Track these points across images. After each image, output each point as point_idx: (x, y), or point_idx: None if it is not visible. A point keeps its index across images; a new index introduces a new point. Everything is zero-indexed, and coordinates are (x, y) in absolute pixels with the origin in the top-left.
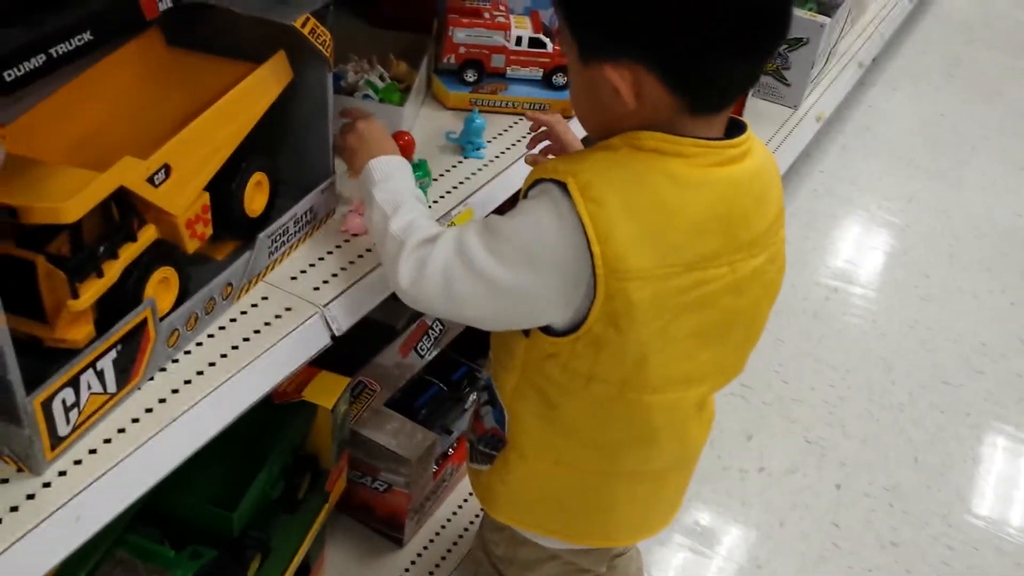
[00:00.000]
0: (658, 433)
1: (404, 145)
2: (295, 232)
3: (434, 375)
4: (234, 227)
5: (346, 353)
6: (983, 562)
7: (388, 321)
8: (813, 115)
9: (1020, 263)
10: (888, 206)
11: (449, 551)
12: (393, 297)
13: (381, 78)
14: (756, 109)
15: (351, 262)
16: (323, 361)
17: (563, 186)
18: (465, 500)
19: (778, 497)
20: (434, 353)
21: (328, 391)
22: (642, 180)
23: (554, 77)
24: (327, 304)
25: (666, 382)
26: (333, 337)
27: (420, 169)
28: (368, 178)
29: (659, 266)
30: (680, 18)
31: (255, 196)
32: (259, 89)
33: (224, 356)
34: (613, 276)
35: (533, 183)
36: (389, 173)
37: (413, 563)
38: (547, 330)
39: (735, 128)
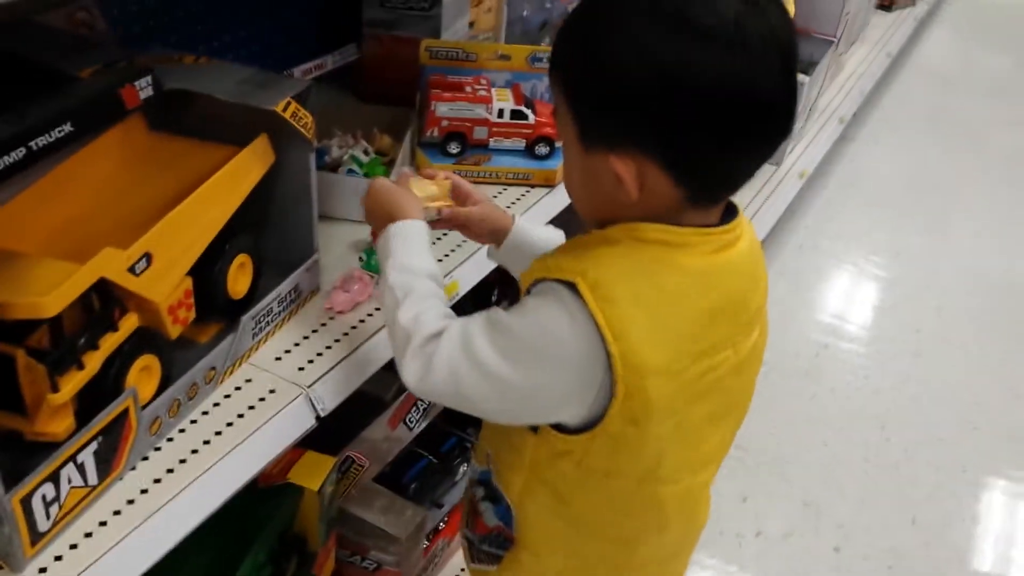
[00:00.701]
0: (671, 520)
1: None
2: (279, 312)
3: (423, 447)
4: (217, 310)
5: (333, 427)
6: None
7: (376, 393)
8: (796, 172)
9: (1008, 315)
10: (875, 260)
11: None
12: (381, 370)
13: (365, 152)
14: None
15: (336, 340)
16: (309, 435)
17: (571, 286)
18: None
19: (776, 562)
20: (423, 425)
21: (314, 472)
22: (650, 274)
23: (536, 147)
24: (311, 385)
25: (681, 470)
26: (318, 418)
27: None
28: (383, 249)
29: (674, 359)
30: (689, 115)
31: (238, 278)
32: (242, 172)
33: (207, 442)
34: (632, 374)
35: (535, 281)
36: (404, 244)
37: None
38: (559, 427)
39: (728, 210)
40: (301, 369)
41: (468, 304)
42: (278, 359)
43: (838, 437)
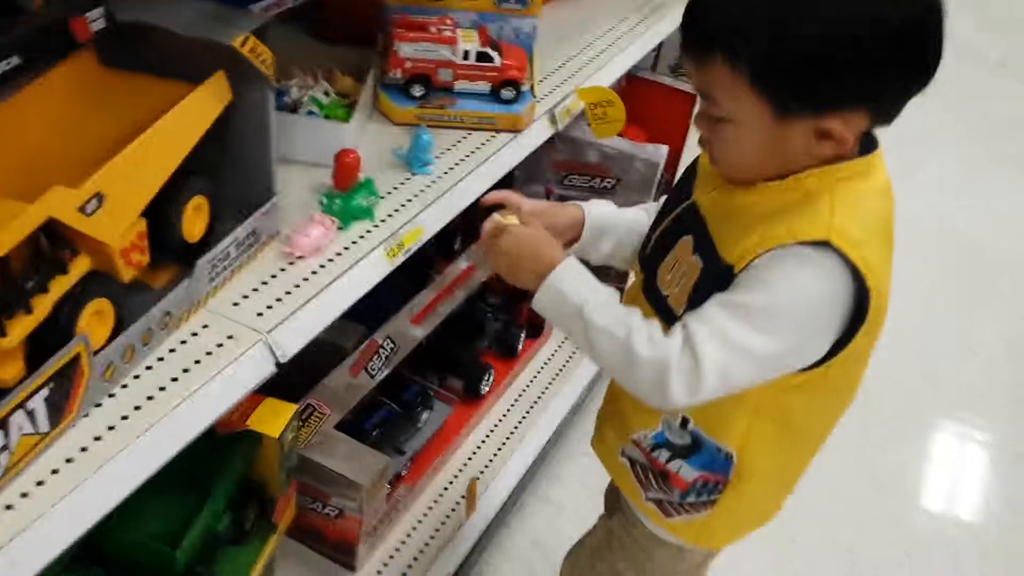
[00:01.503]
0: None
1: (350, 163)
2: (237, 256)
3: (385, 395)
4: (172, 253)
5: (294, 375)
6: None
7: (337, 341)
8: None
9: (967, 267)
10: None
11: (404, 574)
12: (343, 317)
13: (326, 93)
14: None
15: (296, 286)
16: (270, 384)
17: (818, 244)
18: (419, 522)
19: None
20: (385, 373)
21: (274, 419)
22: (865, 207)
23: (502, 91)
24: (271, 331)
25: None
26: (278, 364)
27: (366, 188)
28: (557, 301)
29: (889, 269)
30: (897, 59)
31: (194, 221)
32: (197, 111)
33: (163, 389)
34: (878, 297)
35: (763, 251)
36: (582, 285)
37: None
38: None
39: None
40: (260, 315)
41: (431, 250)
42: (236, 304)
43: None
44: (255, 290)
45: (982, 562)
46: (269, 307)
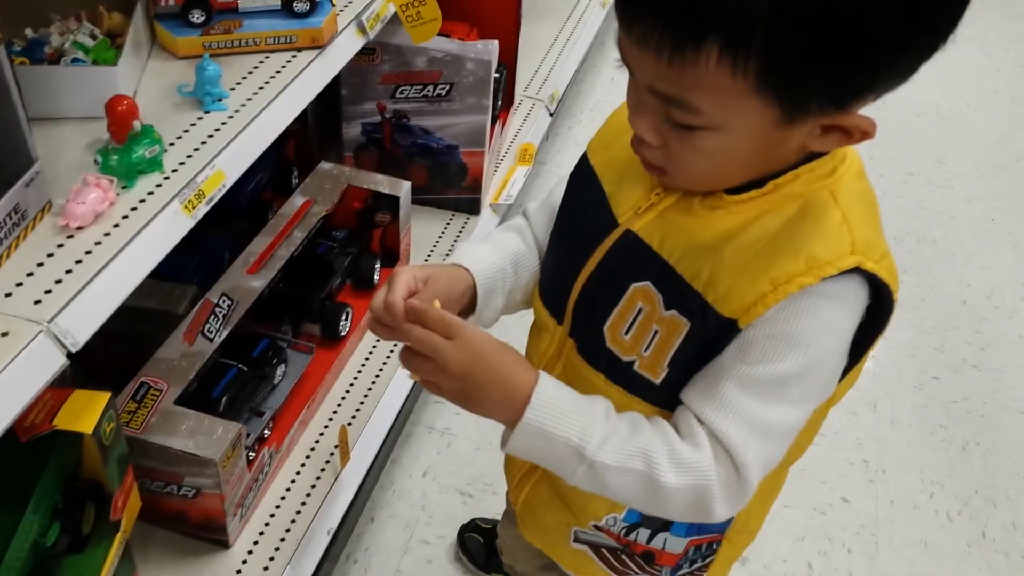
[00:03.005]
0: None
1: (123, 112)
2: (1, 240)
3: (230, 356)
4: None
5: (124, 352)
6: None
7: (167, 308)
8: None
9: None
10: None
11: (283, 540)
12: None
13: (92, 36)
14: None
15: (78, 261)
16: (98, 370)
17: (847, 272)
18: (292, 481)
19: None
20: (225, 333)
21: (85, 413)
22: (863, 197)
23: (294, 4)
24: (53, 318)
25: None
26: (69, 355)
27: (147, 136)
28: (549, 443)
29: None
30: (920, 39)
31: None
32: None
33: None
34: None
35: (773, 303)
36: (571, 412)
37: (244, 562)
38: None
39: None
40: (38, 302)
41: (267, 188)
42: (8, 295)
43: None
44: (30, 275)
45: None
46: (48, 292)
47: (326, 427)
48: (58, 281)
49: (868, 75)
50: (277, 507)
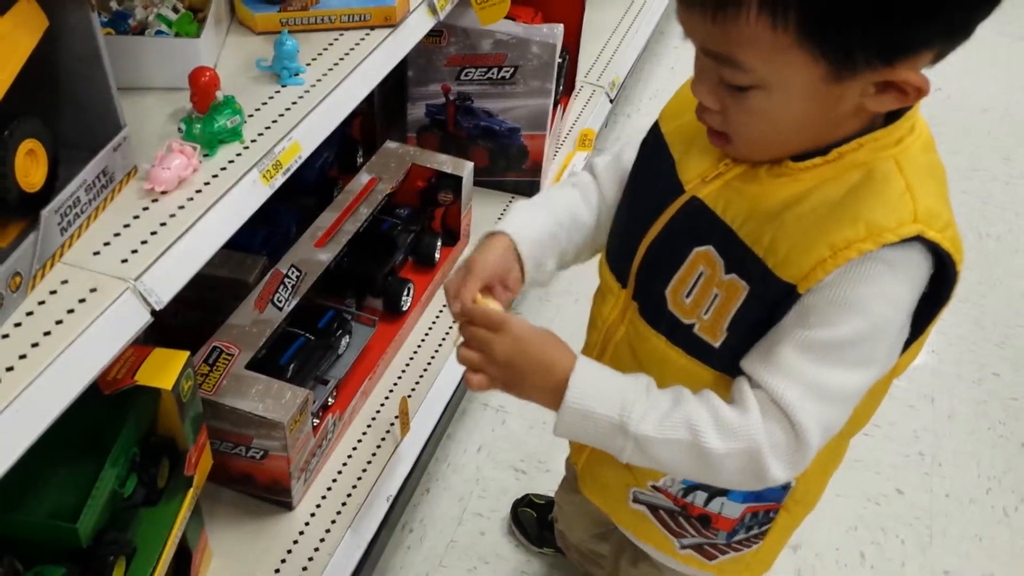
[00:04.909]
0: None
1: (206, 83)
2: (89, 201)
3: (298, 325)
4: (11, 207)
5: (196, 319)
6: None
7: (239, 276)
8: None
9: None
10: None
11: (344, 504)
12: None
13: (175, 9)
14: None
15: (162, 224)
16: (170, 336)
17: (907, 241)
18: (354, 449)
19: None
20: (293, 303)
21: (165, 370)
22: (929, 170)
23: None
24: (139, 277)
25: None
26: (153, 312)
27: (228, 107)
28: (593, 422)
29: None
30: None
31: (30, 168)
32: (7, 44)
33: (23, 357)
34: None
35: (832, 268)
36: (611, 391)
37: (307, 524)
38: None
39: None
40: (125, 261)
41: (333, 165)
42: (96, 254)
43: None
44: (117, 235)
45: None
46: (134, 251)
47: (387, 398)
48: (143, 242)
49: (906, 26)
50: (339, 472)
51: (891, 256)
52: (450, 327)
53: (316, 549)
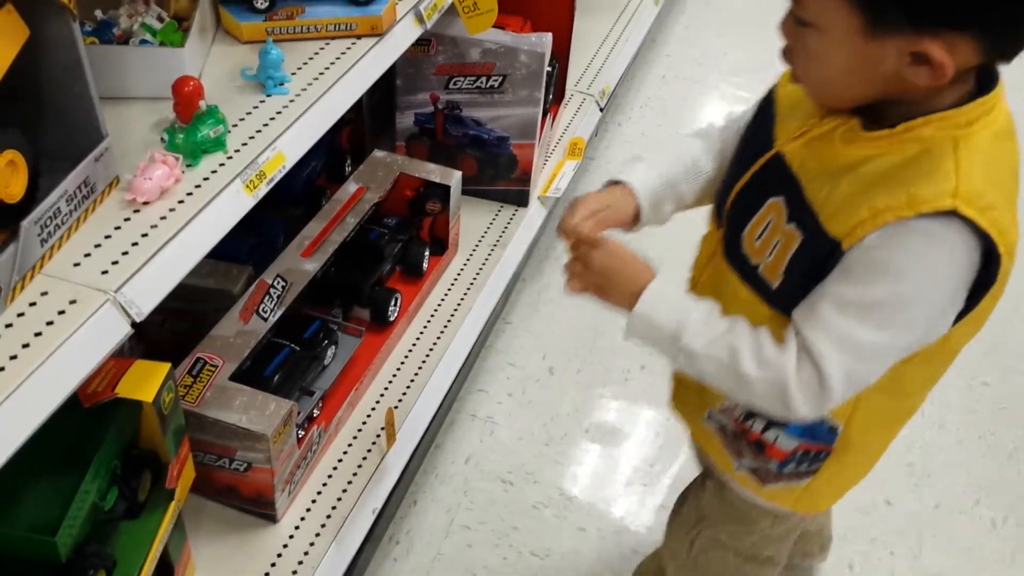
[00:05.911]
0: None
1: (189, 92)
2: (70, 212)
3: (283, 336)
4: None
5: (180, 330)
6: None
7: (224, 287)
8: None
9: None
10: (735, 81)
11: (329, 516)
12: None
13: (159, 18)
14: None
15: (143, 235)
16: (154, 347)
17: (945, 214)
18: (340, 461)
19: None
20: (279, 313)
21: (146, 382)
22: (991, 154)
23: None
24: (120, 288)
25: None
26: (134, 324)
27: (211, 117)
28: (655, 329)
29: (1016, 219)
30: None
31: (9, 179)
32: None
33: (2, 369)
34: (1009, 259)
35: (877, 226)
36: (676, 306)
37: (291, 536)
38: None
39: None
40: (105, 273)
41: (320, 174)
42: (77, 265)
43: None
44: (97, 246)
45: None
46: (115, 263)
47: (373, 409)
48: (124, 253)
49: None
50: (324, 485)
51: (927, 227)
52: (438, 336)
53: (300, 562)
